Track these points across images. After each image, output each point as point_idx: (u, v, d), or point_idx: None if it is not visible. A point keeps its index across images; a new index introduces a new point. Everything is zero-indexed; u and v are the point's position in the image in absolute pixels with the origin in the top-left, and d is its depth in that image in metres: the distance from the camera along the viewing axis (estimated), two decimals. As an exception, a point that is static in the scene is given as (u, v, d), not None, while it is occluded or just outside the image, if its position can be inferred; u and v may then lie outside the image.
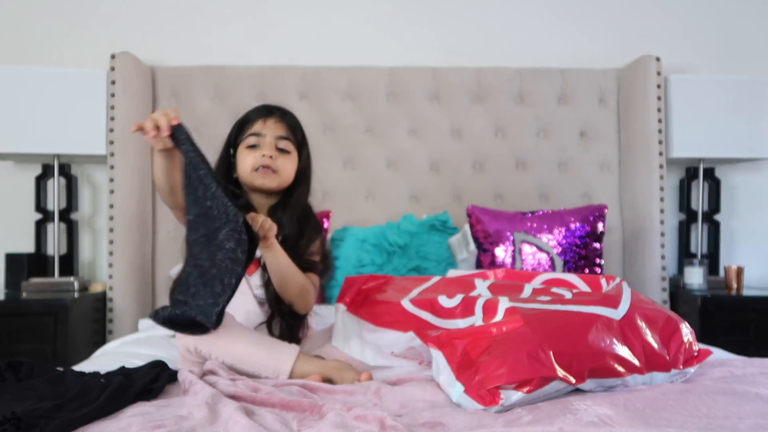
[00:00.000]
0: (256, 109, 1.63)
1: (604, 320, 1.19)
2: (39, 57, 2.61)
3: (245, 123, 1.61)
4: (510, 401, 1.08)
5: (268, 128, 1.57)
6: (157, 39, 2.67)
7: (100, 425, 1.00)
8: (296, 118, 1.65)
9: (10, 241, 2.57)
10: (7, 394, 1.14)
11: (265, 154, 1.55)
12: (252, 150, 1.57)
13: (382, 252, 2.26)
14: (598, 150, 2.64)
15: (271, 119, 1.59)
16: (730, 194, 2.79)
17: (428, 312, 1.37)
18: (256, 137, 1.57)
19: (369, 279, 1.61)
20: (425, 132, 2.62)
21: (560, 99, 2.64)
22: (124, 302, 2.38)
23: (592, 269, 2.25)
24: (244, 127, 1.61)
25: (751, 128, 2.52)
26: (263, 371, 1.33)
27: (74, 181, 2.58)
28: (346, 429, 0.96)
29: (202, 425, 0.99)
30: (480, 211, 2.33)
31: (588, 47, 2.75)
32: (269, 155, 1.55)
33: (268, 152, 1.55)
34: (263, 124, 1.58)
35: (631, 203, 2.57)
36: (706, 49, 2.78)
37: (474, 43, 2.74)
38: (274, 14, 2.71)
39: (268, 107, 1.63)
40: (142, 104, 2.47)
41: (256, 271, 1.58)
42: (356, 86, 2.60)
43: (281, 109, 1.64)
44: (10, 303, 2.20)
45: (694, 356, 1.26)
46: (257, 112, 1.61)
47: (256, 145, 1.57)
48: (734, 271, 2.43)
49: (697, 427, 0.99)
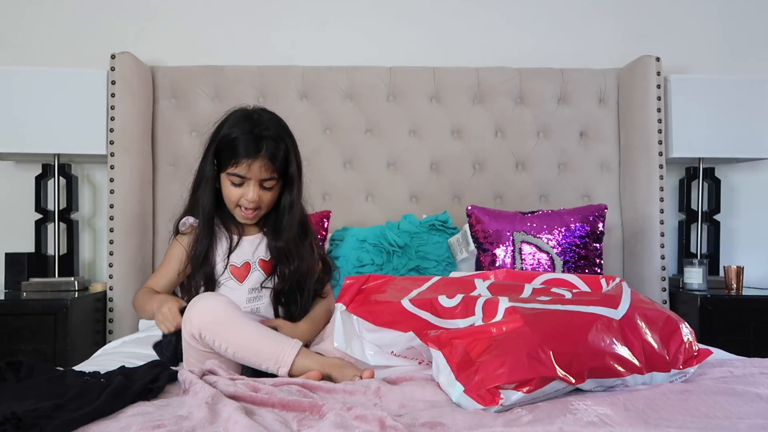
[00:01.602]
0: (244, 141, 1.54)
1: (604, 320, 1.20)
2: (39, 57, 2.61)
3: (232, 153, 1.55)
4: (510, 401, 1.08)
5: (253, 173, 1.56)
6: (157, 39, 2.67)
7: (100, 425, 1.00)
8: (282, 135, 1.59)
9: (10, 241, 2.57)
10: (7, 394, 1.14)
11: (248, 198, 1.58)
12: (236, 186, 1.59)
13: (382, 252, 2.26)
14: (598, 150, 2.64)
15: (257, 163, 1.54)
16: (730, 194, 2.79)
17: (428, 312, 1.37)
18: (241, 178, 1.57)
19: (369, 279, 1.61)
20: (425, 132, 2.62)
21: (560, 99, 2.64)
22: (124, 302, 2.38)
23: (592, 269, 2.25)
24: (230, 155, 1.55)
25: (751, 128, 2.52)
26: (265, 361, 1.34)
27: (74, 181, 2.58)
28: (346, 429, 0.96)
29: (202, 425, 0.99)
30: (480, 211, 2.33)
31: (588, 47, 2.75)
32: (253, 199, 1.58)
33: (252, 196, 1.57)
34: (248, 169, 1.55)
35: (631, 203, 2.57)
36: (706, 49, 2.78)
37: (474, 43, 2.74)
38: (274, 14, 2.71)
39: (256, 140, 1.54)
40: (142, 104, 2.47)
41: (248, 276, 1.62)
42: (356, 86, 2.60)
43: (267, 135, 1.56)
44: (10, 303, 2.19)
45: (693, 356, 1.26)
46: (245, 148, 1.54)
47: (240, 183, 1.58)
48: (734, 271, 2.43)
49: (697, 427, 0.99)
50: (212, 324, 1.36)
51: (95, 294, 2.40)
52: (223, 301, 1.40)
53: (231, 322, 1.36)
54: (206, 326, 1.36)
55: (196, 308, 1.39)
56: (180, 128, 2.56)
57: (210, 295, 1.44)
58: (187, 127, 2.57)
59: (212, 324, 1.36)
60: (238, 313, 1.39)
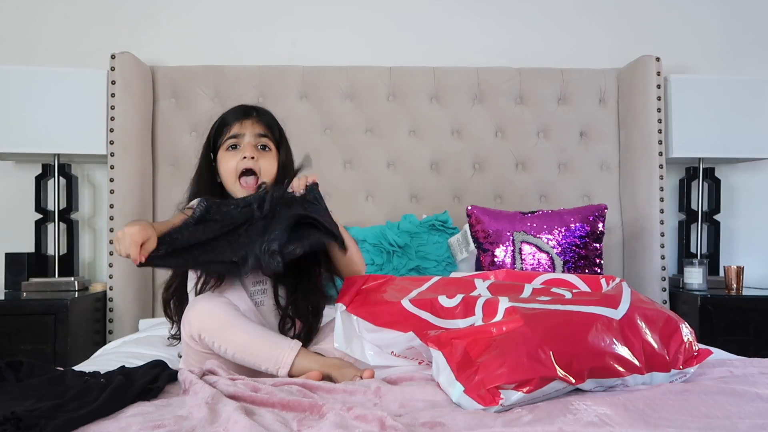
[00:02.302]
0: (232, 110, 1.63)
1: (604, 320, 1.19)
2: (39, 57, 2.61)
3: (223, 126, 1.62)
4: (510, 401, 1.08)
5: (246, 128, 1.58)
6: (157, 39, 2.67)
7: (100, 425, 1.00)
8: (273, 115, 1.66)
9: (10, 241, 2.57)
10: (7, 394, 1.14)
11: (246, 155, 1.56)
12: (232, 152, 1.58)
13: (382, 252, 2.26)
14: (598, 150, 2.64)
15: (248, 120, 1.60)
16: (730, 194, 2.79)
17: (428, 312, 1.37)
18: (235, 138, 1.58)
19: (369, 279, 1.60)
20: (425, 132, 2.62)
21: (560, 99, 2.64)
22: (124, 302, 2.38)
23: (592, 269, 2.25)
24: (222, 129, 1.61)
25: (751, 128, 2.52)
26: (264, 362, 1.34)
27: (74, 181, 2.58)
28: (346, 429, 0.96)
29: (202, 425, 0.99)
30: (480, 211, 2.33)
31: (588, 47, 2.75)
32: (250, 156, 1.56)
33: (249, 153, 1.56)
34: (241, 126, 1.59)
35: (631, 203, 2.57)
36: (706, 49, 2.78)
37: (474, 43, 2.74)
38: (274, 14, 2.71)
39: (244, 108, 1.63)
40: (142, 104, 2.48)
41: None
42: (356, 86, 2.60)
43: (257, 108, 1.65)
44: (10, 303, 2.20)
45: (693, 356, 1.26)
46: (234, 114, 1.62)
47: (236, 146, 1.58)
48: (734, 271, 2.43)
49: (697, 427, 0.99)
50: (212, 325, 1.35)
51: (95, 294, 2.40)
52: (223, 303, 1.40)
53: (230, 323, 1.36)
54: (206, 328, 1.36)
55: (196, 310, 1.39)
56: (180, 128, 2.56)
57: (209, 297, 1.43)
58: (187, 127, 2.57)
59: (212, 325, 1.35)
60: (237, 315, 1.39)
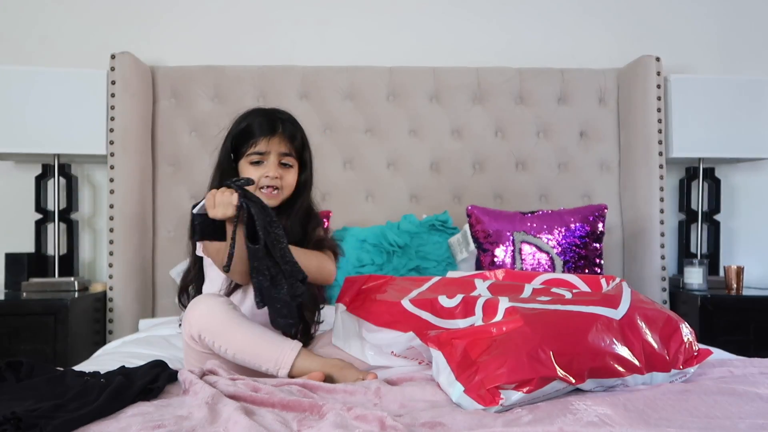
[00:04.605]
0: (258, 120, 1.57)
1: (604, 320, 1.19)
2: (39, 57, 2.61)
3: (249, 136, 1.56)
4: (510, 401, 1.08)
5: (272, 146, 1.55)
6: (157, 39, 2.67)
7: (100, 425, 1.00)
8: (297, 123, 1.62)
9: (10, 241, 2.57)
10: (7, 394, 1.14)
11: (269, 174, 1.54)
12: (255, 166, 1.56)
13: (382, 252, 2.26)
14: (598, 150, 2.64)
15: (275, 139, 1.55)
16: (730, 194, 2.79)
17: (428, 312, 1.37)
18: (260, 155, 1.55)
19: (369, 279, 1.60)
20: (425, 132, 2.62)
21: (560, 99, 2.64)
22: (124, 302, 2.38)
23: (592, 269, 2.25)
24: (247, 139, 1.56)
25: (751, 128, 2.52)
26: (264, 363, 1.34)
27: (74, 181, 2.58)
28: (346, 429, 0.96)
29: (202, 425, 0.99)
30: (480, 211, 2.33)
31: (588, 47, 2.75)
32: (274, 176, 1.55)
33: (273, 173, 1.54)
34: (268, 144, 1.55)
35: (631, 203, 2.57)
36: (706, 49, 2.78)
37: (474, 43, 2.74)
38: (274, 14, 2.71)
39: (272, 122, 1.56)
40: (142, 104, 2.47)
41: None
42: (356, 86, 2.60)
43: (283, 119, 1.59)
44: (10, 303, 2.20)
45: (693, 356, 1.26)
46: (260, 127, 1.56)
47: (259, 162, 1.56)
48: (734, 271, 2.43)
49: (697, 426, 0.99)
50: (212, 326, 1.36)
51: (95, 294, 2.40)
52: (223, 303, 1.40)
53: (231, 324, 1.36)
54: (206, 328, 1.36)
55: (196, 310, 1.39)
56: (180, 128, 2.56)
57: (210, 297, 1.43)
58: (187, 127, 2.57)
59: (212, 326, 1.36)
60: (238, 315, 1.39)
